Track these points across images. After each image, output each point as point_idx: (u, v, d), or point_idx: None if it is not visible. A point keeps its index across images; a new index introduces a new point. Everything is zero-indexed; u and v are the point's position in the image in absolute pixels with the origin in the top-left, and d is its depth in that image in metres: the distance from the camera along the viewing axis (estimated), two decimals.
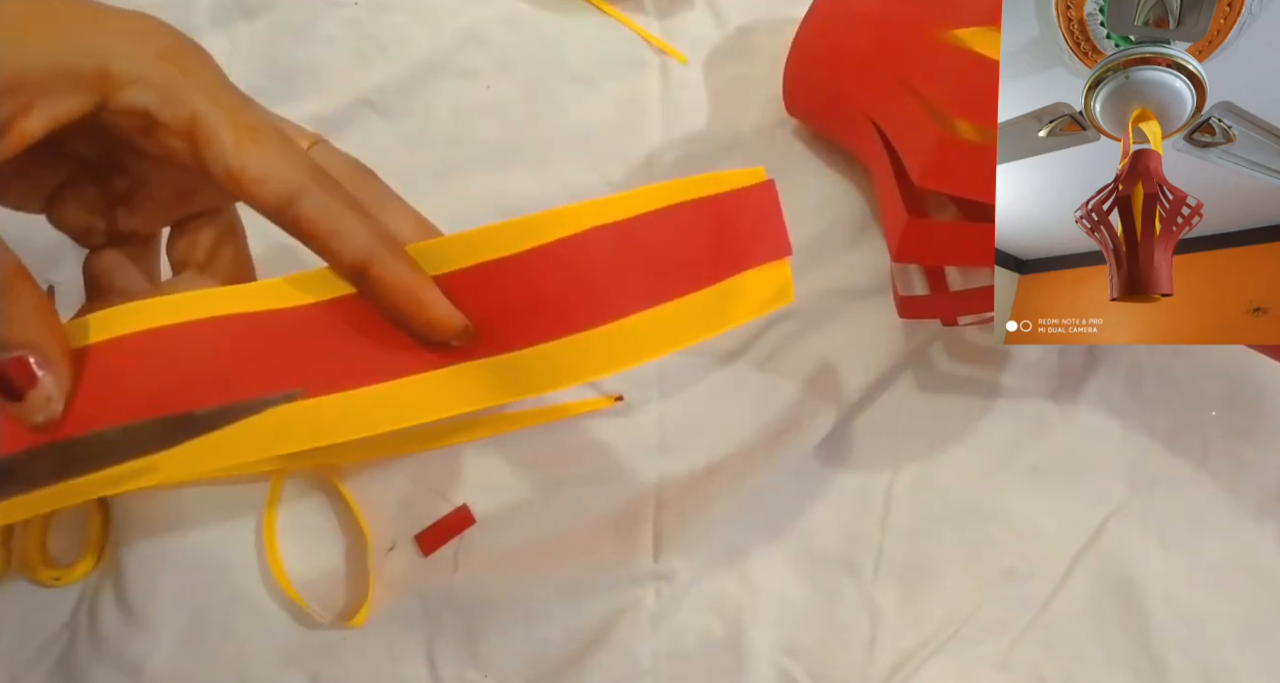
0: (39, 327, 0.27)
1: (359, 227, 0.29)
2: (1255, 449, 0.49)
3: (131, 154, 0.31)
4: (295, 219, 0.29)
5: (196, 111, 0.29)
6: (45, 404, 0.27)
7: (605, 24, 0.55)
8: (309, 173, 0.30)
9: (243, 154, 0.29)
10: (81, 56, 0.28)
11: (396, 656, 0.44)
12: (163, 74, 0.28)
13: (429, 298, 0.30)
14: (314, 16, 0.54)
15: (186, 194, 0.33)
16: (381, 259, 0.29)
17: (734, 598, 0.46)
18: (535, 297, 0.30)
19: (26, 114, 0.27)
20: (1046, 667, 0.46)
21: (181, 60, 0.29)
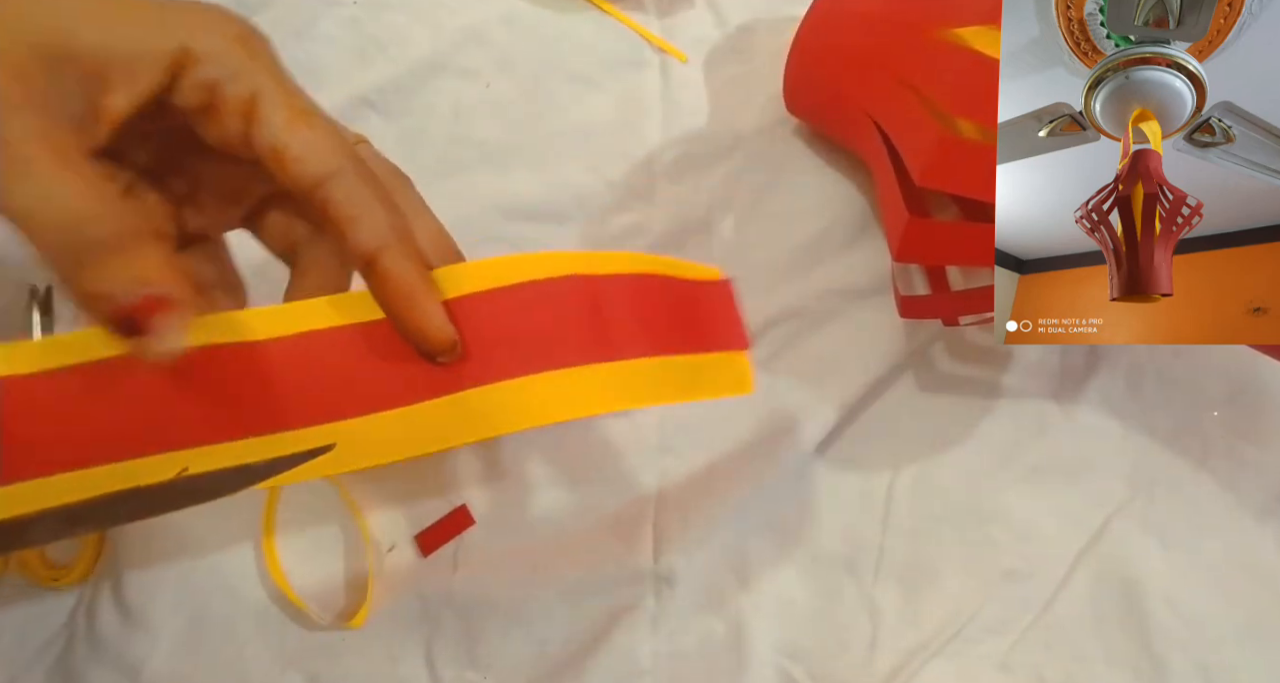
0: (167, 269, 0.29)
1: (381, 218, 0.30)
2: (1256, 449, 0.48)
3: (186, 149, 0.32)
4: (325, 200, 0.30)
5: (258, 90, 0.30)
6: (174, 334, 0.29)
7: (605, 23, 0.55)
8: (348, 159, 0.30)
9: (291, 132, 0.30)
10: (163, 37, 0.29)
11: (396, 656, 0.44)
12: (234, 55, 0.30)
13: (427, 304, 0.30)
14: (313, 16, 0.54)
15: (242, 187, 0.34)
16: (393, 253, 0.30)
17: (734, 598, 0.46)
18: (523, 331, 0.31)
19: (111, 92, 0.29)
20: (1047, 667, 0.46)
21: (250, 45, 0.31)
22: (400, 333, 0.31)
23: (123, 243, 0.28)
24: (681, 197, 0.52)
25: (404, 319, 0.30)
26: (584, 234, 0.51)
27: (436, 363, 0.31)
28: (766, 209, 0.52)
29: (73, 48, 0.28)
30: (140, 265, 0.28)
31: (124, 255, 0.28)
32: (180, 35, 0.29)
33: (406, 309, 0.30)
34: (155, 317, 0.28)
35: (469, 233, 0.50)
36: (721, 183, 0.52)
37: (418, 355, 0.31)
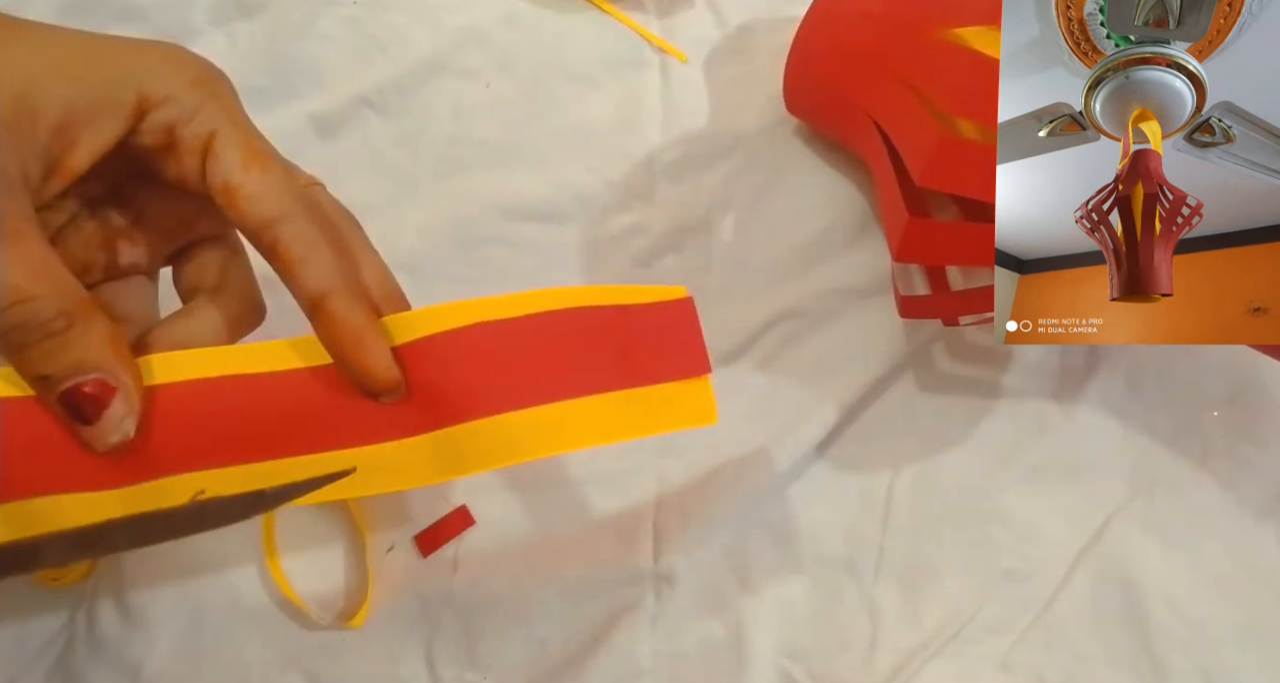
0: (112, 353, 0.29)
1: (329, 261, 0.31)
2: (1256, 449, 0.48)
3: (138, 183, 0.33)
4: (273, 241, 0.30)
5: (215, 130, 0.31)
6: (120, 424, 0.29)
7: (605, 23, 0.55)
8: (299, 203, 0.31)
9: (246, 173, 0.31)
10: (125, 85, 0.30)
11: (396, 656, 0.44)
12: (194, 96, 0.31)
13: (372, 345, 0.31)
14: (313, 16, 0.54)
15: (186, 223, 0.34)
16: (340, 295, 0.31)
17: (734, 598, 0.46)
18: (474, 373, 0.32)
19: (73, 151, 0.29)
20: (1047, 667, 0.46)
21: (209, 86, 0.31)
22: (345, 373, 0.31)
23: (68, 322, 0.28)
24: (681, 197, 0.52)
25: (349, 360, 0.31)
26: (584, 234, 0.51)
27: (380, 403, 0.32)
28: (766, 209, 0.52)
29: (37, 105, 0.29)
30: (84, 348, 0.28)
31: (68, 336, 0.28)
32: (142, 81, 0.30)
33: (352, 350, 0.31)
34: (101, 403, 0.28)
35: (469, 233, 0.50)
36: (721, 183, 0.52)
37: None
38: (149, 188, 0.33)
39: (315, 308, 0.31)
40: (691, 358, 0.36)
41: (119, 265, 0.34)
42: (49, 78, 0.29)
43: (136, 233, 0.34)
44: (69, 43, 0.30)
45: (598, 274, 0.50)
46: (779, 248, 0.51)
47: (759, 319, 0.49)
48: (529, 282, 0.50)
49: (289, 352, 0.32)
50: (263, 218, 0.30)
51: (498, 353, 0.32)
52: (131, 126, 0.30)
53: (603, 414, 0.33)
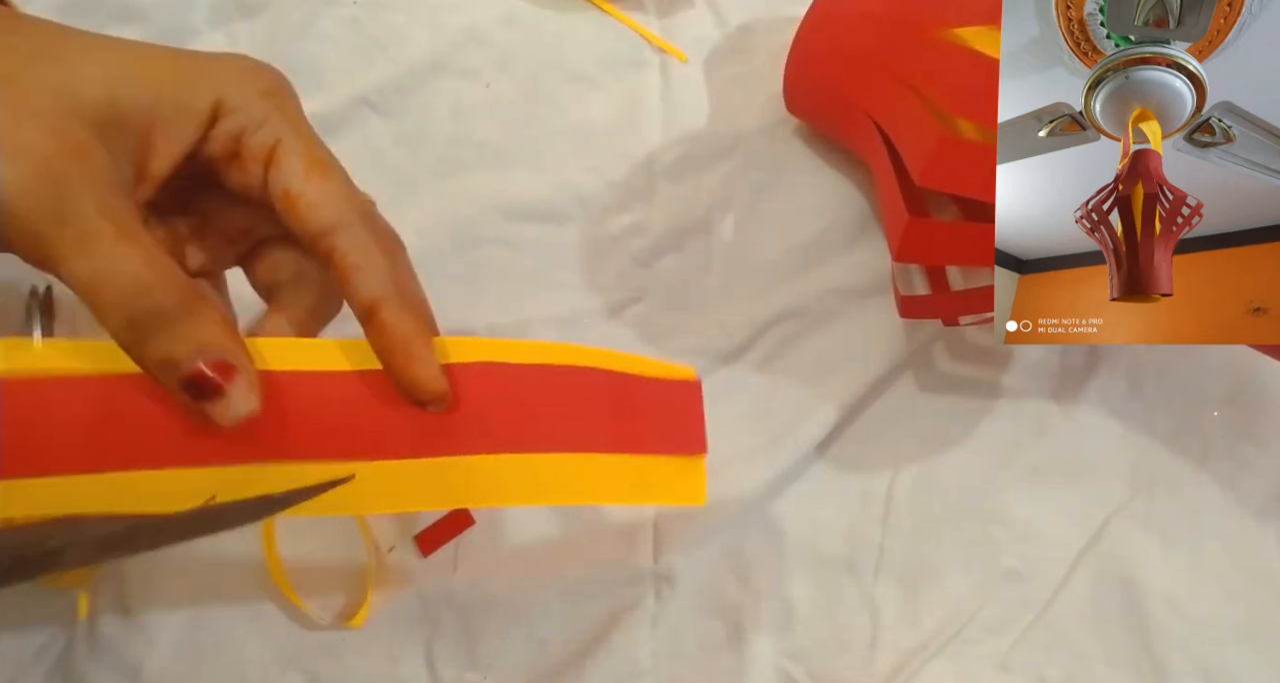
0: (227, 334, 0.30)
1: (384, 270, 0.31)
2: (1256, 449, 0.48)
3: (200, 189, 0.33)
4: (331, 248, 0.31)
5: (281, 139, 0.32)
6: (246, 399, 0.29)
7: (605, 23, 0.55)
8: (358, 212, 0.32)
9: (308, 181, 0.31)
10: (201, 94, 0.31)
11: (396, 656, 0.44)
12: (263, 106, 0.32)
13: (422, 354, 0.31)
14: (313, 16, 0.54)
15: (247, 229, 0.35)
16: (393, 303, 0.31)
17: (734, 599, 0.46)
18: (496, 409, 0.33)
19: (156, 156, 0.31)
20: (1047, 667, 0.46)
21: (278, 98, 0.32)
22: (393, 379, 0.31)
23: (186, 310, 0.29)
24: (681, 196, 0.52)
25: (399, 366, 0.31)
26: (584, 234, 0.51)
27: (425, 411, 0.32)
28: (766, 209, 0.52)
29: (120, 112, 0.30)
30: (204, 331, 0.29)
31: (187, 322, 0.29)
32: (215, 89, 0.31)
33: (402, 357, 0.31)
34: (224, 381, 0.29)
35: (469, 233, 0.50)
36: (721, 183, 0.52)
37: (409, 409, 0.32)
38: (211, 194, 0.34)
39: (369, 314, 0.31)
40: (691, 437, 0.37)
41: (188, 270, 0.34)
42: (130, 85, 0.30)
43: (202, 238, 0.35)
44: (144, 52, 0.31)
45: (598, 274, 0.50)
46: (779, 248, 0.51)
47: (759, 319, 0.50)
48: (529, 282, 0.50)
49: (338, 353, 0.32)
50: (322, 225, 0.31)
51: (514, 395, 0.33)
52: (204, 134, 0.31)
53: (596, 473, 0.34)
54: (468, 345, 0.33)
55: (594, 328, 0.49)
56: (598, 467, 0.34)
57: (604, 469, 0.34)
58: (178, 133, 0.31)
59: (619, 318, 0.50)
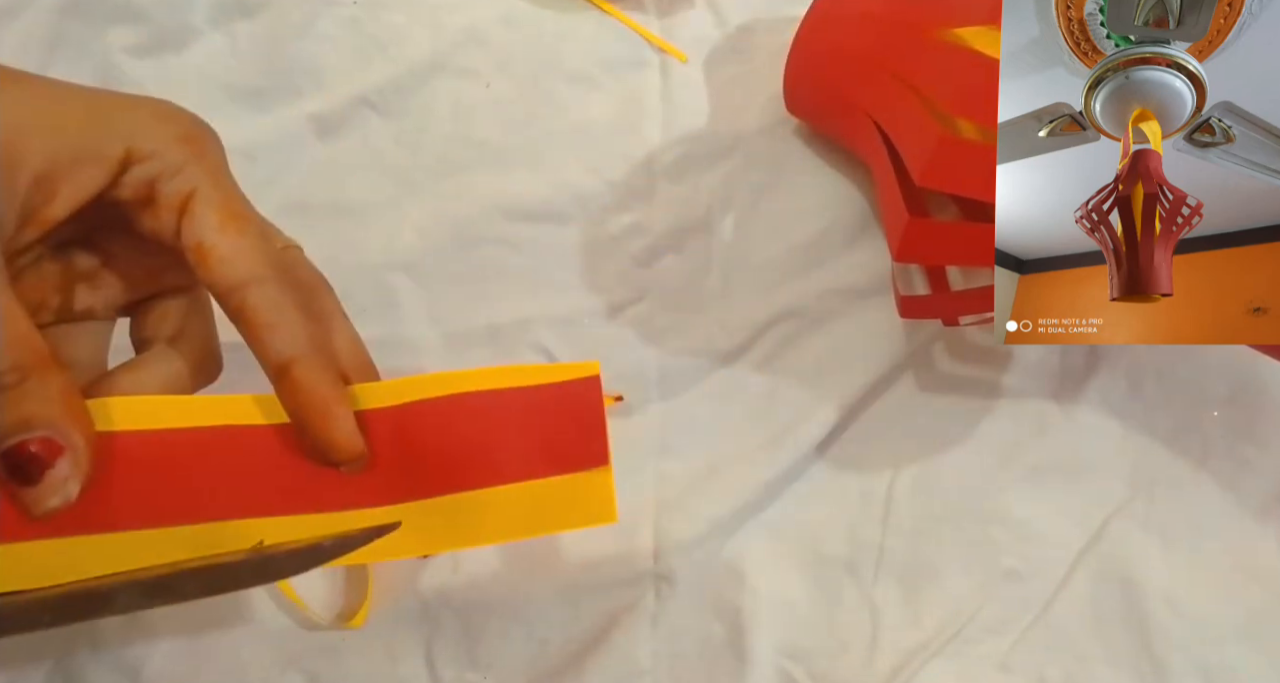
0: (65, 410, 0.28)
1: (298, 328, 0.30)
2: (1256, 449, 0.48)
3: (107, 231, 0.32)
4: (241, 304, 0.30)
5: (197, 189, 0.30)
6: (63, 486, 0.27)
7: (605, 23, 0.55)
8: (272, 267, 0.31)
9: (220, 234, 0.30)
10: (112, 139, 0.30)
11: (396, 656, 0.44)
12: (179, 153, 0.30)
13: (339, 413, 0.31)
14: (313, 16, 0.54)
15: (153, 275, 0.34)
16: (307, 363, 0.30)
17: (734, 599, 0.46)
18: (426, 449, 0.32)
19: (52, 201, 0.29)
20: (1047, 667, 0.46)
21: (197, 145, 0.31)
22: (308, 441, 0.31)
23: (20, 377, 0.27)
24: (681, 196, 0.52)
25: (312, 428, 0.30)
26: (584, 234, 0.51)
27: (340, 472, 0.31)
28: (766, 209, 0.52)
29: (19, 155, 0.28)
30: (35, 403, 0.27)
31: (18, 392, 0.27)
32: (129, 135, 0.30)
33: (316, 418, 0.30)
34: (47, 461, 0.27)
35: (469, 233, 0.50)
36: (721, 183, 0.52)
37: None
38: (118, 236, 0.33)
39: (280, 374, 0.30)
40: (592, 447, 0.34)
41: (73, 309, 0.33)
42: (35, 128, 0.29)
43: (98, 279, 0.33)
44: (57, 94, 0.30)
45: (598, 274, 0.50)
46: (779, 248, 0.51)
47: (759, 319, 0.50)
48: (529, 282, 0.50)
49: (253, 408, 0.31)
50: (233, 280, 0.30)
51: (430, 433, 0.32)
52: (114, 179, 0.30)
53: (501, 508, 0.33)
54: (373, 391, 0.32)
55: (594, 328, 0.49)
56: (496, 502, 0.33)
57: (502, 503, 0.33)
58: (82, 178, 0.29)
59: (619, 318, 0.50)
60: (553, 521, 0.34)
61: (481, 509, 0.33)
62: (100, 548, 0.29)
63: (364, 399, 0.32)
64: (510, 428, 0.33)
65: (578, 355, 0.49)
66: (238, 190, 0.32)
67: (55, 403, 0.27)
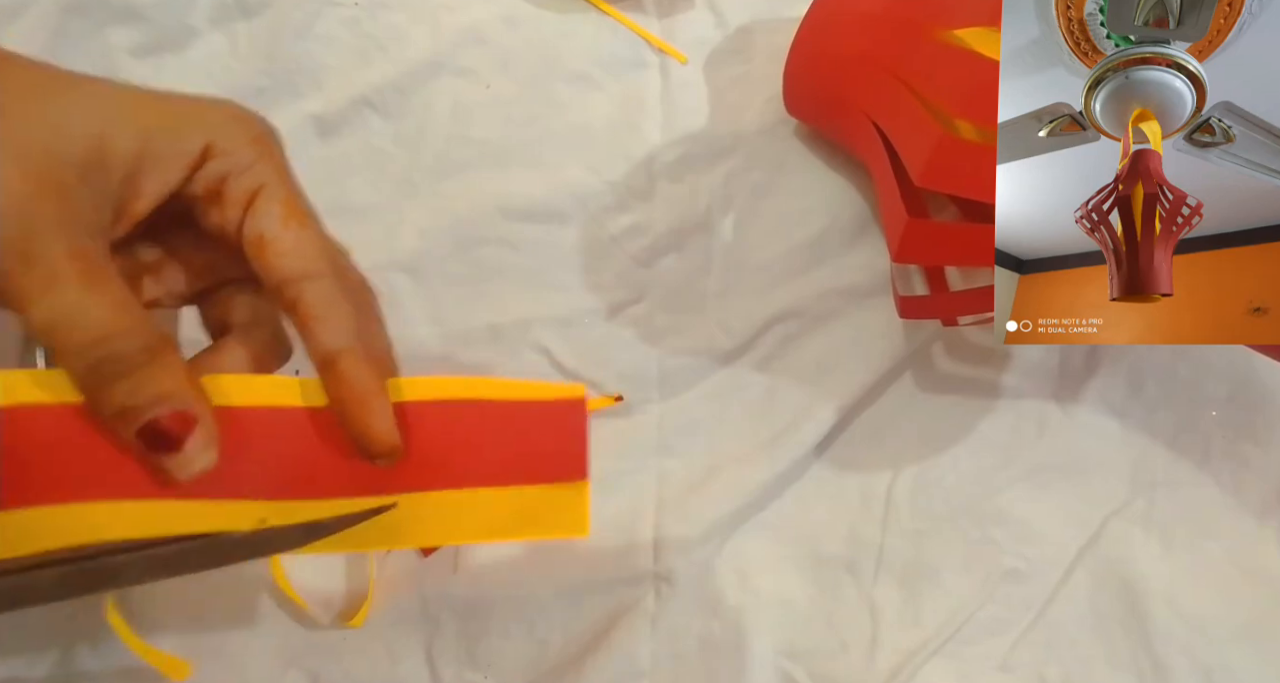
0: (191, 386, 0.30)
1: (348, 321, 0.32)
2: (1256, 449, 0.49)
3: (173, 224, 0.34)
4: (297, 296, 0.32)
5: (265, 185, 0.32)
6: (203, 452, 0.30)
7: (605, 24, 0.55)
8: (328, 264, 0.32)
9: (284, 228, 0.32)
10: (192, 136, 0.31)
11: (396, 656, 0.44)
12: (250, 152, 0.32)
13: (379, 407, 0.32)
14: (313, 16, 0.54)
15: (214, 268, 0.35)
16: (354, 355, 0.32)
17: (734, 599, 0.46)
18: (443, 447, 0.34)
19: (139, 197, 0.31)
20: (1047, 667, 0.46)
21: (266, 144, 0.33)
22: (348, 431, 0.32)
23: (150, 356, 0.29)
24: (681, 196, 0.52)
25: (354, 419, 0.32)
26: (584, 234, 0.51)
27: (374, 464, 0.32)
28: (766, 209, 0.52)
29: (108, 155, 0.30)
30: (166, 381, 0.29)
31: (149, 370, 0.29)
32: (207, 132, 0.32)
33: (358, 410, 0.31)
34: (183, 433, 0.29)
35: (469, 233, 0.50)
36: (721, 183, 0.52)
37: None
38: (183, 230, 0.34)
39: (327, 365, 0.32)
40: (572, 462, 0.36)
41: (141, 300, 0.34)
42: (121, 126, 0.30)
43: (163, 270, 0.35)
44: (136, 94, 0.32)
45: (598, 274, 0.50)
46: (779, 248, 0.51)
47: (759, 319, 0.50)
48: (529, 282, 0.50)
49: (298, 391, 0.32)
50: (290, 273, 0.32)
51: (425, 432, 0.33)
52: (190, 176, 0.32)
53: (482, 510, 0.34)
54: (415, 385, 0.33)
55: (594, 328, 0.50)
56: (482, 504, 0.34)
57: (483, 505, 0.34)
58: (164, 174, 0.31)
59: (619, 318, 0.50)
60: (528, 527, 0.36)
61: (464, 508, 0.34)
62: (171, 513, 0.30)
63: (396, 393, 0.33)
64: (498, 436, 0.35)
65: (578, 355, 0.49)
66: (300, 190, 0.33)
67: (183, 379, 0.30)
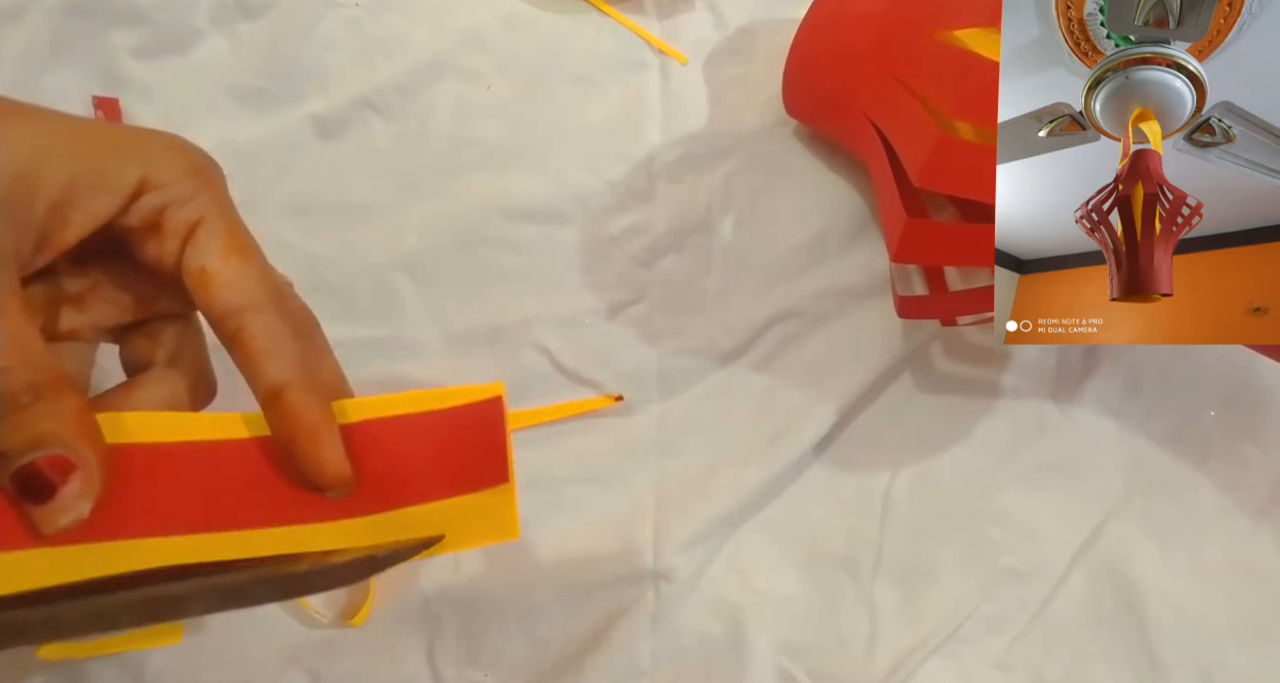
0: (78, 428, 0.28)
1: (291, 354, 0.31)
2: (1254, 450, 0.49)
3: (103, 255, 0.33)
4: (239, 329, 0.31)
5: (205, 218, 0.31)
6: (75, 503, 0.27)
7: (605, 25, 0.55)
8: (270, 295, 0.31)
9: (224, 261, 0.31)
10: (127, 168, 0.30)
11: (397, 655, 0.44)
12: (190, 184, 0.31)
13: (328, 439, 0.31)
14: (315, 17, 0.54)
15: (144, 301, 0.34)
16: (300, 387, 0.31)
17: (734, 598, 0.46)
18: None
19: (66, 227, 0.30)
20: (1045, 667, 0.46)
21: (207, 176, 0.32)
22: (297, 465, 0.31)
23: (34, 397, 0.27)
24: (681, 197, 0.52)
25: (304, 452, 0.31)
26: (584, 234, 0.51)
27: (325, 497, 0.31)
28: (766, 209, 0.52)
29: (38, 185, 0.29)
30: (46, 422, 0.27)
31: (32, 411, 0.27)
32: (143, 164, 0.31)
33: (308, 443, 0.30)
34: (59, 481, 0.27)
35: (470, 234, 0.51)
36: (721, 183, 0.52)
37: None
38: (112, 261, 0.33)
39: (272, 399, 0.31)
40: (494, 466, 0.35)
41: (58, 329, 0.33)
42: (54, 157, 0.29)
43: (88, 301, 0.34)
44: (75, 126, 0.31)
45: (598, 274, 0.50)
46: (779, 248, 0.51)
47: (759, 319, 0.50)
48: (529, 282, 0.50)
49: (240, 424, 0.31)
50: (232, 306, 0.31)
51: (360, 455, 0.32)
52: (124, 207, 0.31)
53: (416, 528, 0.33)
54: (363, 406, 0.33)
55: (594, 328, 0.50)
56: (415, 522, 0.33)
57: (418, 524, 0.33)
58: (94, 205, 0.30)
59: (619, 318, 0.50)
60: (462, 538, 0.35)
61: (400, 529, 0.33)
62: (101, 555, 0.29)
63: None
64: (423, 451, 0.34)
65: (578, 355, 0.49)
66: (242, 223, 0.33)
67: (68, 421, 0.27)
